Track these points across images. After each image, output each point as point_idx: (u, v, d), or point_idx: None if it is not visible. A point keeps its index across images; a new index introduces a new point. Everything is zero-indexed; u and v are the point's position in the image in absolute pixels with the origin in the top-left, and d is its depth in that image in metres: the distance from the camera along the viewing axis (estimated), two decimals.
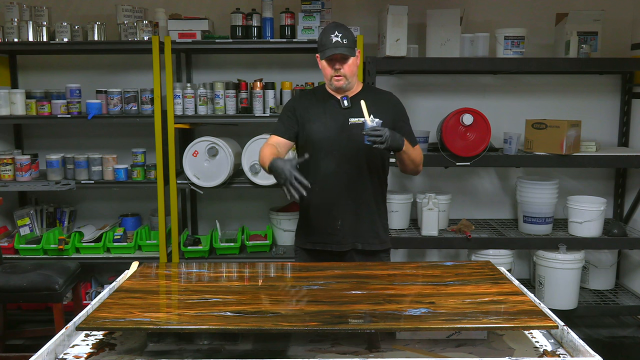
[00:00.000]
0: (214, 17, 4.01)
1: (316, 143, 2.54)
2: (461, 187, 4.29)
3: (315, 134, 2.54)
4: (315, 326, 1.58)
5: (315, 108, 2.59)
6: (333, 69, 2.49)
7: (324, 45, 2.47)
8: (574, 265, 3.74)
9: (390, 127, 2.46)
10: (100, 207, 4.33)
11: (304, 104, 2.63)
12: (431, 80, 4.19)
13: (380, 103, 2.57)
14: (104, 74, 4.16)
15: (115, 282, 2.04)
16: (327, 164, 2.53)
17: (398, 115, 2.60)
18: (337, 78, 2.50)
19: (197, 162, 3.78)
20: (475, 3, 4.08)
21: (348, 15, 4.06)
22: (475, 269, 2.10)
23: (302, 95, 2.80)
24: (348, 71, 2.50)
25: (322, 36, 2.50)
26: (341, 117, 2.53)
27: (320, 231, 2.57)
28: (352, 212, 2.55)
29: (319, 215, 2.58)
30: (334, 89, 2.56)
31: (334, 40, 2.45)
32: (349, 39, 2.47)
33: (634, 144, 4.10)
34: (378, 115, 2.42)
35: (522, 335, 1.73)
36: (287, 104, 2.74)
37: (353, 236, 2.55)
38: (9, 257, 3.85)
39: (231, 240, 4.00)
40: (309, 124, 2.56)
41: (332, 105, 2.57)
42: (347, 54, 2.46)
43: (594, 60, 3.75)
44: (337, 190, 2.54)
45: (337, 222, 2.54)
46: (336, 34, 2.45)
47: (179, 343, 1.67)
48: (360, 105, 2.42)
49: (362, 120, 2.36)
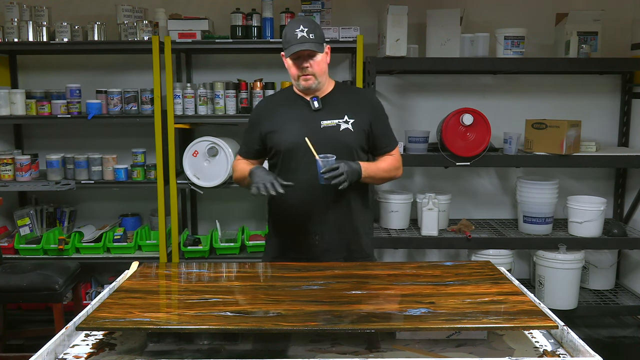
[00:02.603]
0: (214, 17, 4.01)
1: (286, 153, 2.33)
2: (461, 187, 4.29)
3: (283, 144, 2.33)
4: (315, 326, 1.58)
5: (281, 114, 2.37)
6: (300, 68, 2.28)
7: (289, 42, 2.25)
8: (574, 265, 3.74)
9: (368, 129, 2.34)
10: (100, 207, 4.33)
11: (268, 112, 2.41)
12: (431, 80, 4.19)
13: (356, 103, 2.38)
14: (104, 74, 4.16)
15: (115, 282, 2.04)
16: (299, 175, 2.30)
17: (376, 115, 2.41)
18: (305, 77, 2.29)
19: (197, 162, 3.78)
20: (475, 3, 4.08)
21: (348, 15, 4.06)
22: (475, 269, 2.10)
23: (267, 102, 2.57)
24: (317, 69, 2.28)
25: (286, 31, 2.28)
26: (311, 121, 2.32)
27: (296, 247, 2.37)
28: (330, 225, 2.35)
29: (294, 230, 2.37)
30: (302, 89, 2.35)
31: (299, 36, 2.23)
32: (316, 34, 2.25)
33: (634, 144, 4.10)
34: (354, 116, 2.29)
35: (522, 335, 1.73)
36: (251, 116, 2.51)
37: (334, 251, 2.36)
38: (9, 257, 3.86)
39: (231, 240, 4.01)
40: (277, 134, 2.34)
41: (301, 108, 2.36)
42: (314, 50, 2.24)
43: (594, 60, 3.75)
44: (314, 202, 2.32)
45: (315, 237, 2.35)
46: (301, 28, 2.23)
47: (179, 343, 1.67)
48: (332, 106, 2.27)
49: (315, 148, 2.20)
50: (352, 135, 2.34)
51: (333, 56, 4.37)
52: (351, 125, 2.33)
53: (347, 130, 2.34)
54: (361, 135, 2.36)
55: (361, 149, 2.39)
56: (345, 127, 2.33)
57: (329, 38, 3.67)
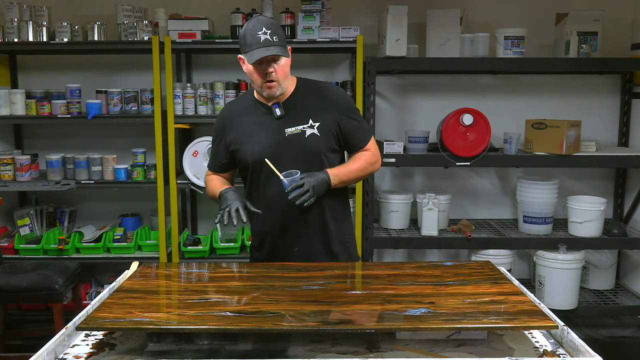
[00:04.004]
0: (214, 17, 4.01)
1: (253, 166, 2.23)
2: (461, 187, 4.29)
3: (249, 157, 2.22)
4: (315, 326, 1.58)
5: (245, 125, 2.24)
6: (263, 75, 2.12)
7: (250, 45, 2.08)
8: (574, 265, 3.74)
9: (334, 128, 2.23)
10: (100, 207, 4.33)
11: (231, 122, 2.28)
12: (431, 80, 4.19)
13: (320, 103, 2.25)
14: (104, 74, 4.16)
15: (115, 282, 2.04)
16: (270, 187, 2.21)
17: (342, 110, 2.25)
18: (269, 85, 2.13)
19: (197, 162, 3.79)
20: (475, 3, 4.08)
21: (348, 15, 4.06)
22: (475, 269, 2.10)
23: (229, 110, 2.36)
24: (281, 74, 2.13)
25: (245, 33, 2.10)
26: (275, 130, 2.20)
27: (277, 260, 2.28)
28: (308, 236, 2.26)
29: (273, 243, 2.30)
30: (266, 96, 2.20)
31: (262, 39, 2.07)
32: (279, 36, 2.10)
33: (634, 144, 4.10)
34: (319, 119, 2.20)
35: (522, 335, 1.73)
36: (215, 127, 2.35)
37: (316, 261, 2.25)
38: (9, 257, 3.86)
39: (231, 240, 4.01)
40: (243, 147, 2.23)
41: (262, 116, 2.23)
42: (280, 54, 2.09)
43: (594, 60, 3.76)
44: (288, 214, 2.22)
45: (294, 248, 2.27)
46: (264, 30, 2.08)
47: (179, 343, 1.67)
48: (295, 110, 2.18)
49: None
50: (318, 140, 2.22)
51: (333, 56, 4.37)
52: (317, 129, 2.21)
53: (313, 135, 2.21)
54: (329, 138, 2.24)
55: (331, 151, 2.27)
56: (311, 132, 2.21)
57: (329, 38, 3.69)
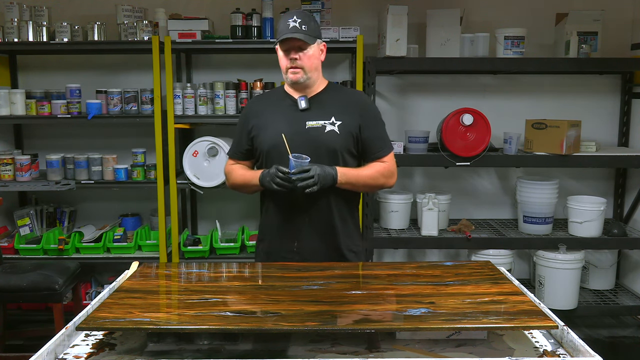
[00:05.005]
0: (214, 17, 4.01)
1: (267, 154, 2.25)
2: (461, 187, 4.29)
3: (265, 144, 2.25)
4: (315, 326, 1.58)
5: (268, 113, 2.28)
6: (289, 60, 2.18)
7: (280, 32, 2.17)
8: (574, 265, 3.74)
9: (355, 131, 2.24)
10: (100, 207, 4.33)
11: (257, 110, 2.33)
12: (431, 80, 4.19)
13: (346, 105, 2.27)
14: (104, 74, 4.16)
15: (115, 282, 2.04)
16: None
17: (367, 118, 2.28)
18: (293, 70, 2.18)
19: (197, 162, 3.79)
20: (475, 3, 4.08)
21: (348, 15, 4.06)
22: (475, 269, 2.10)
23: (256, 100, 2.50)
24: (307, 63, 2.18)
25: (280, 22, 2.22)
26: (297, 121, 2.23)
27: (277, 254, 2.30)
28: (310, 232, 2.26)
29: (275, 236, 2.32)
30: (290, 84, 2.25)
31: (291, 26, 2.14)
32: (309, 26, 2.16)
33: (634, 144, 4.10)
34: (342, 118, 2.21)
35: (522, 335, 1.73)
36: (242, 114, 2.44)
37: (314, 260, 2.23)
38: (9, 257, 3.86)
39: (231, 240, 4.01)
40: (262, 131, 2.26)
41: (287, 107, 2.27)
42: (303, 39, 2.14)
43: (594, 60, 3.75)
44: (294, 207, 2.24)
45: (293, 243, 2.27)
46: (295, 19, 2.15)
47: (179, 343, 1.67)
48: (320, 106, 2.19)
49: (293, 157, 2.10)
50: (337, 138, 2.23)
51: (333, 56, 4.36)
52: (337, 127, 2.22)
53: (332, 132, 2.23)
54: (348, 138, 2.25)
55: (349, 153, 2.27)
56: (331, 128, 2.22)
57: (329, 38, 3.68)
